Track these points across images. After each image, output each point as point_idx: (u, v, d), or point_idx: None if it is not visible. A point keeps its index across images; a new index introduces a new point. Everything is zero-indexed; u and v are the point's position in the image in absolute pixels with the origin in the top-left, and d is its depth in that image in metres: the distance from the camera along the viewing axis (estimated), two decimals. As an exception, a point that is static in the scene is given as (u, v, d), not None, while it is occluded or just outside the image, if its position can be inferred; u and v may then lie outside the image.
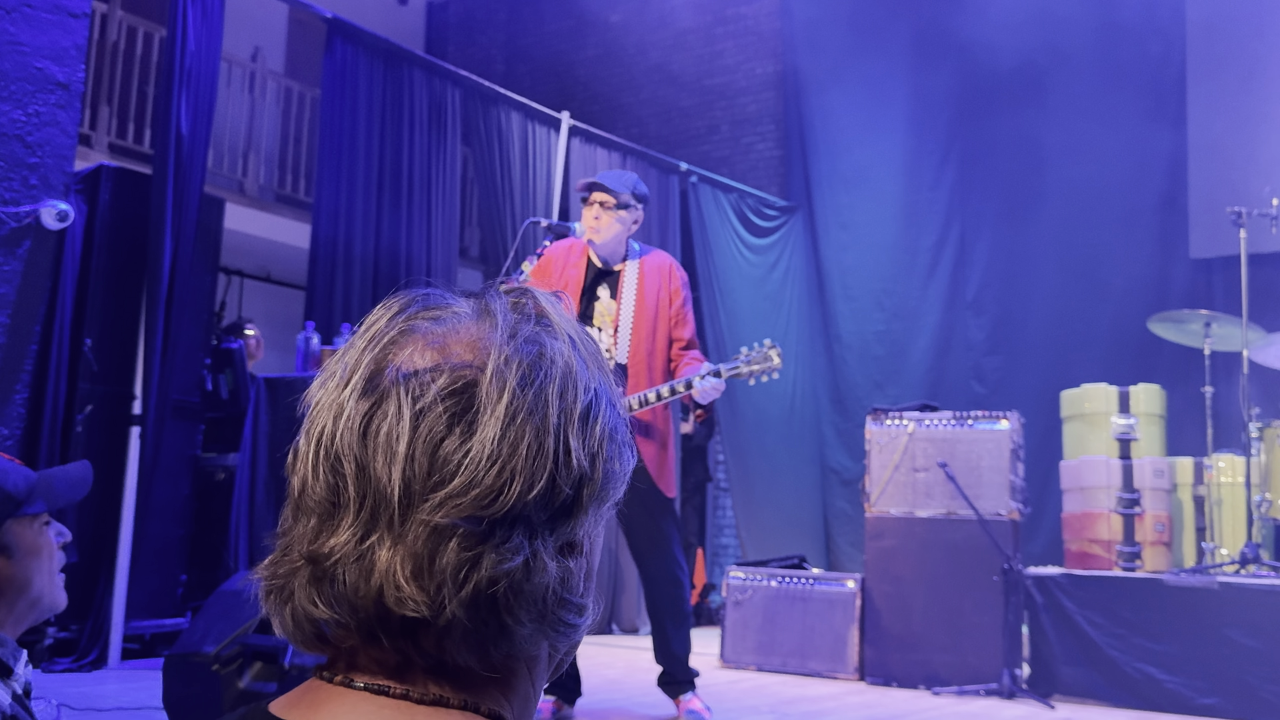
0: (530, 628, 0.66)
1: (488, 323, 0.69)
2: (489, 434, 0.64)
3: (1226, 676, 4.64)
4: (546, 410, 0.66)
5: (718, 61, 9.92)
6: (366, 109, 6.21)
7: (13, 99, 4.77)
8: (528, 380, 0.67)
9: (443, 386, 0.65)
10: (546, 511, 0.65)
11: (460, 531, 0.64)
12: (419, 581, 0.63)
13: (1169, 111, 7.41)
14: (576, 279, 4.17)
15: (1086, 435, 5.67)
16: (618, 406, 0.72)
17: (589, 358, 0.71)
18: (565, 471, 0.66)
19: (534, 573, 0.65)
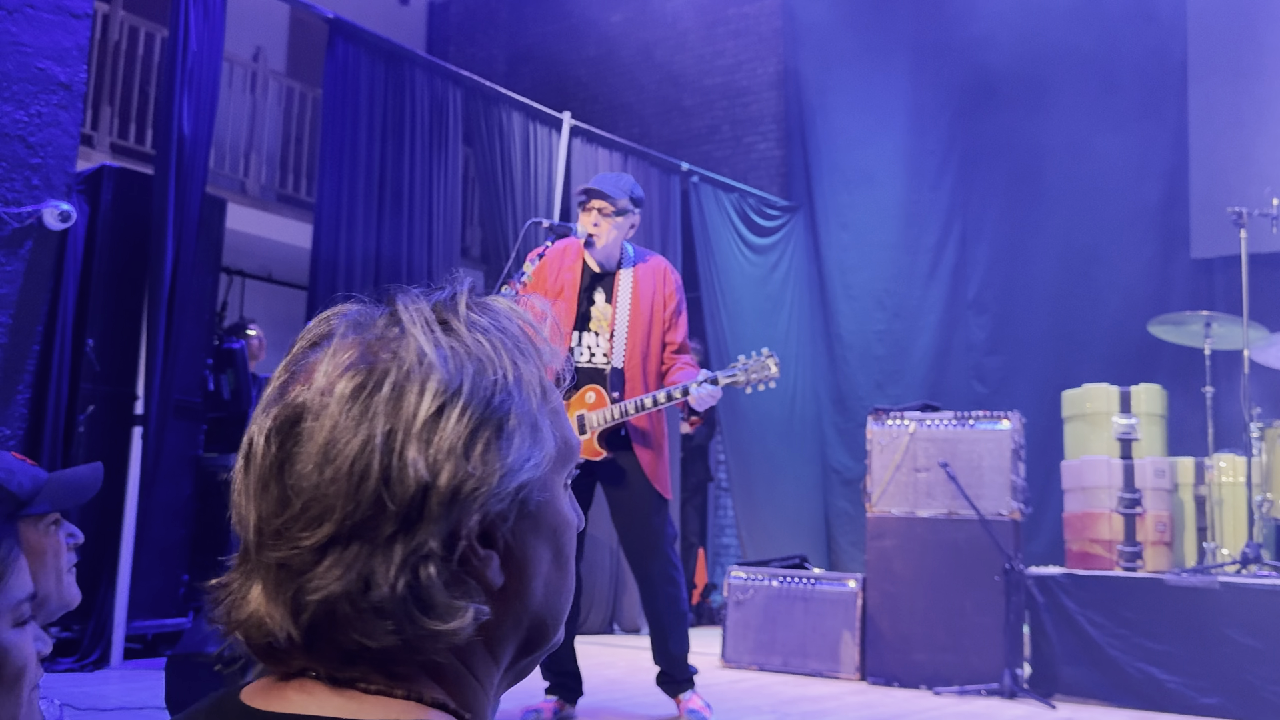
0: (389, 639, 0.67)
1: (335, 337, 0.72)
2: (312, 458, 0.67)
3: (1228, 676, 4.64)
4: (373, 424, 0.67)
5: (719, 61, 9.93)
6: (368, 109, 6.21)
7: (15, 99, 4.77)
8: (354, 394, 0.68)
9: (280, 417, 0.69)
10: (381, 529, 0.66)
11: (294, 561, 0.67)
12: (271, 607, 0.68)
13: (1170, 112, 7.41)
14: (572, 283, 4.17)
15: (1088, 435, 5.67)
16: (505, 399, 0.71)
17: (460, 355, 0.70)
18: (399, 487, 0.66)
19: (371, 590, 0.66)
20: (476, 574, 0.70)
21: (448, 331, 0.72)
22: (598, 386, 4.07)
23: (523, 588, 0.73)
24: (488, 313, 0.76)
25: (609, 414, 3.99)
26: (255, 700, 0.70)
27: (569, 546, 0.77)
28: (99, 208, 5.21)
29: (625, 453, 4.08)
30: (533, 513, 0.73)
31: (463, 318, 0.74)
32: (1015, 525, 5.21)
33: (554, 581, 0.76)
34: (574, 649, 4.18)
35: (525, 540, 0.73)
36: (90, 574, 4.98)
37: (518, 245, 4.60)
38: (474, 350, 0.71)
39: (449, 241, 6.70)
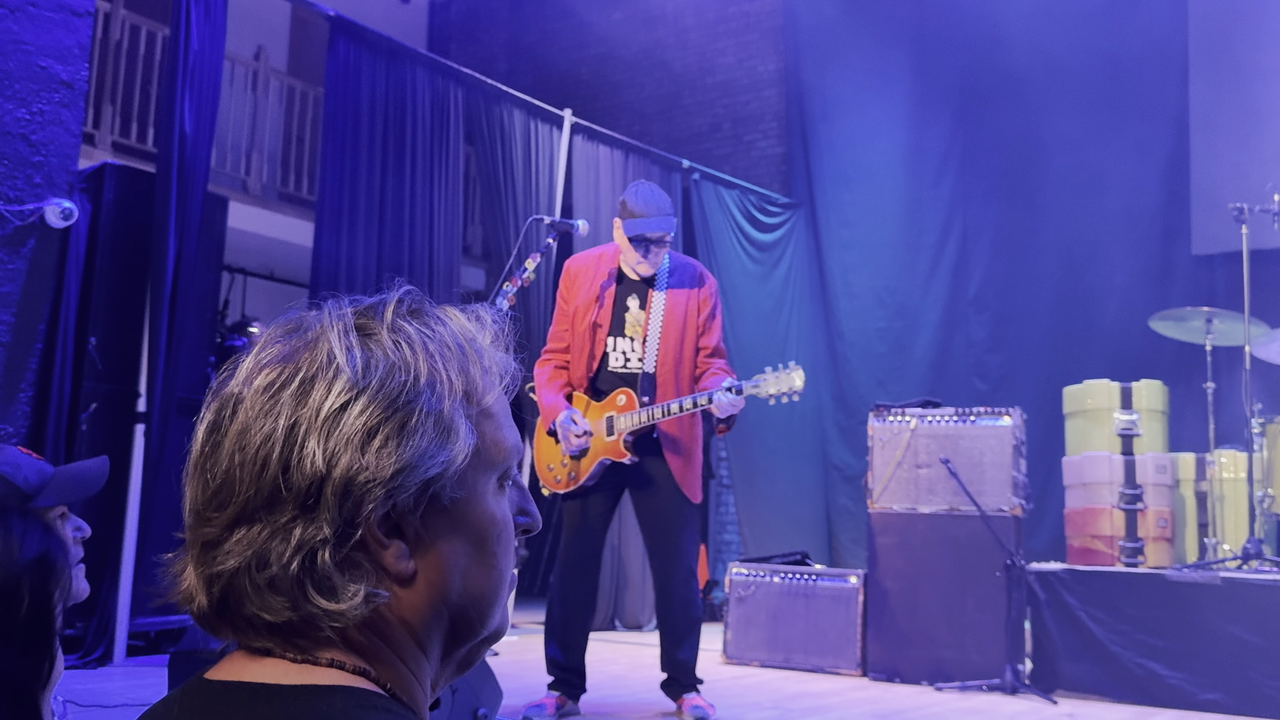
0: (286, 614, 0.72)
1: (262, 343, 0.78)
2: (227, 444, 0.74)
3: (1229, 672, 4.65)
4: (279, 416, 0.73)
5: (720, 59, 9.93)
6: (369, 107, 6.22)
7: (17, 98, 4.78)
8: (267, 388, 0.74)
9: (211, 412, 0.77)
10: (280, 513, 0.72)
11: (208, 538, 0.74)
12: (194, 584, 0.76)
13: (1171, 108, 7.41)
14: (607, 287, 4.18)
15: (1089, 431, 5.68)
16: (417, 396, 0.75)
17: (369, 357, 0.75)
18: (298, 474, 0.72)
19: (267, 566, 0.72)
20: (380, 560, 0.74)
21: (365, 335, 0.77)
22: (629, 390, 4.08)
23: (438, 578, 0.77)
24: (418, 320, 0.79)
25: (637, 417, 4.01)
26: (211, 674, 0.77)
27: (495, 544, 0.80)
28: (101, 206, 5.22)
29: (656, 459, 4.10)
30: (447, 508, 0.76)
31: (386, 323, 0.78)
32: (1017, 521, 5.22)
33: (476, 576, 0.79)
34: (585, 646, 4.19)
35: (439, 534, 0.77)
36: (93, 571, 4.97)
37: (519, 242, 4.61)
38: (389, 353, 0.76)
39: (450, 240, 6.70)
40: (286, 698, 0.71)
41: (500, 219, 6.98)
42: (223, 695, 0.73)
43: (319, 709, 0.70)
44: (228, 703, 0.72)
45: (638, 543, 7.27)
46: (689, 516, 4.16)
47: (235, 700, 0.72)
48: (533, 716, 3.93)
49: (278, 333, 0.78)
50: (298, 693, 0.72)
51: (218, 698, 0.73)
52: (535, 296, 6.95)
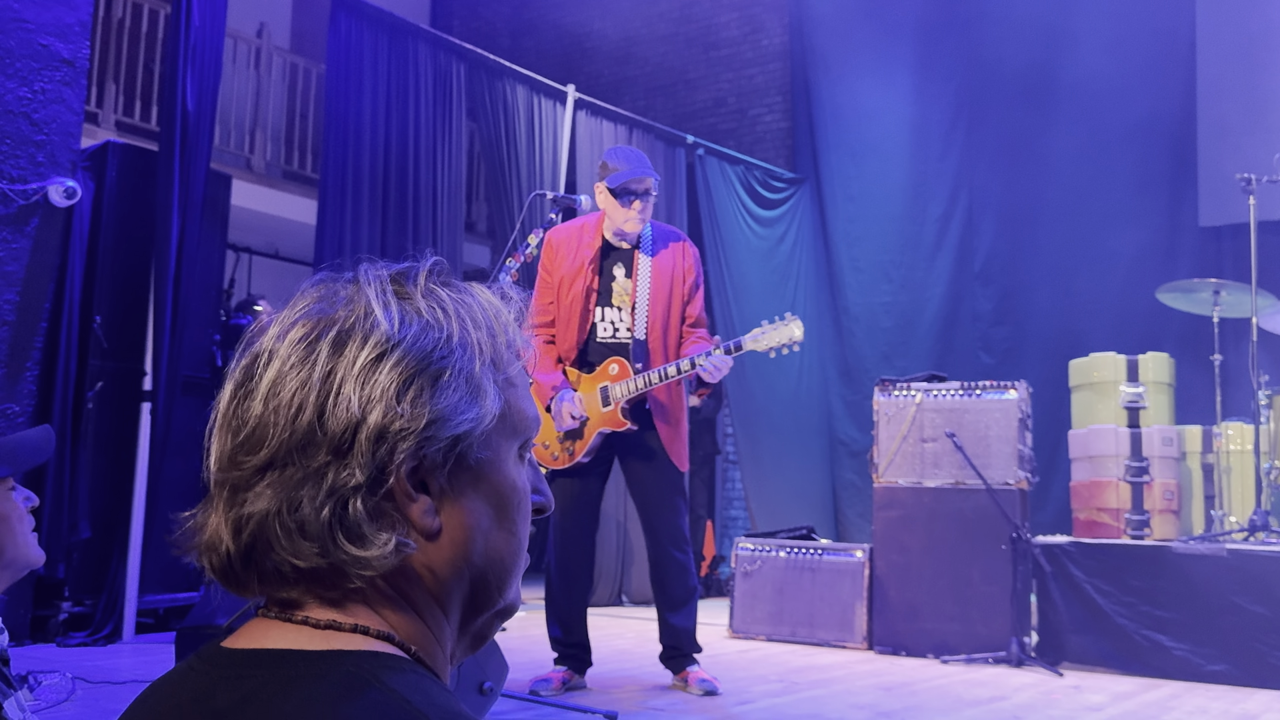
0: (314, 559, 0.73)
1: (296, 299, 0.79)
2: (261, 391, 0.75)
3: (1234, 643, 4.65)
4: (315, 364, 0.74)
5: (724, 33, 9.88)
6: (372, 84, 6.19)
7: (18, 76, 4.77)
8: (302, 339, 0.75)
9: (249, 356, 0.77)
10: (314, 457, 0.73)
11: (238, 482, 0.74)
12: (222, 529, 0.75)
13: (1178, 79, 7.36)
14: (592, 259, 4.17)
15: (1095, 404, 5.67)
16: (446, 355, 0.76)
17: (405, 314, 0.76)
18: (333, 420, 0.73)
19: (298, 510, 0.72)
20: (407, 513, 0.75)
21: (400, 296, 0.78)
22: (621, 359, 4.08)
23: (461, 537, 0.78)
24: (450, 288, 0.81)
25: (633, 384, 4.01)
26: (228, 642, 0.77)
27: (515, 510, 0.81)
28: (104, 184, 5.21)
29: (648, 430, 4.11)
30: (472, 467, 0.78)
31: (420, 287, 0.80)
32: (1022, 495, 5.21)
33: (496, 542, 0.80)
34: (586, 620, 4.21)
35: (464, 492, 0.78)
36: (101, 549, 5.01)
37: (522, 217, 4.60)
38: (423, 313, 0.77)
39: (454, 216, 6.69)
40: (310, 661, 0.72)
41: (504, 195, 6.96)
42: (242, 662, 0.74)
43: (343, 669, 0.71)
44: (247, 668, 0.73)
45: (644, 518, 7.28)
46: (678, 484, 4.18)
47: (255, 666, 0.73)
48: (539, 690, 3.95)
49: (311, 292, 0.79)
50: (320, 656, 0.72)
51: (237, 664, 0.74)
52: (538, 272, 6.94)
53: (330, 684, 0.69)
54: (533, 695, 3.87)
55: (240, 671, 0.73)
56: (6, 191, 4.71)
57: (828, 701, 4.07)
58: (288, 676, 0.71)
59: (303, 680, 0.70)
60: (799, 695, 4.19)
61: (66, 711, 3.44)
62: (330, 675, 0.70)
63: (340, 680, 0.70)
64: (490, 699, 2.68)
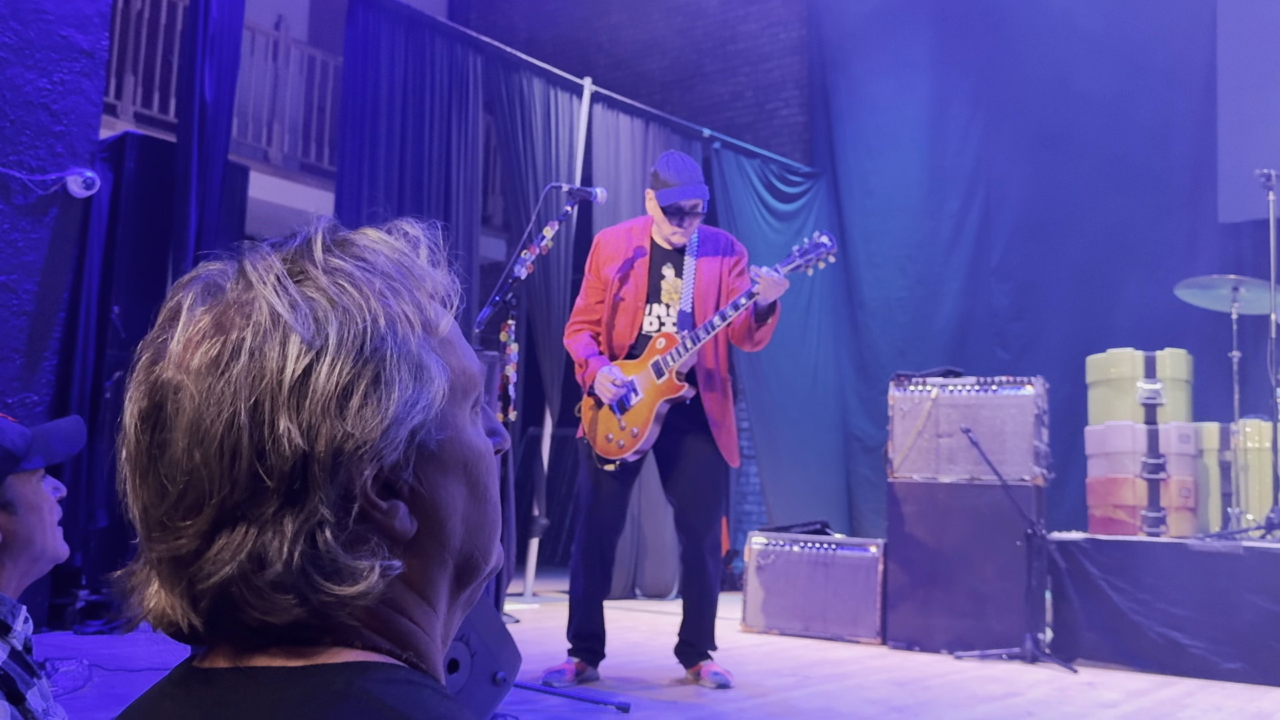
0: (295, 611, 0.65)
1: (185, 317, 0.67)
2: (180, 441, 0.64)
3: (1250, 641, 4.63)
4: (236, 399, 0.64)
5: (741, 27, 9.85)
6: (389, 77, 6.20)
7: (38, 67, 4.80)
8: (210, 368, 0.65)
9: (137, 410, 0.67)
10: (266, 505, 0.64)
11: (180, 551, 0.65)
12: (170, 599, 0.67)
13: (1199, 74, 7.31)
14: (642, 260, 4.18)
15: (1112, 400, 5.64)
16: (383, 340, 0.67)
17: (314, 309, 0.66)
18: (277, 459, 0.63)
19: (267, 564, 0.64)
20: (382, 527, 0.68)
21: (302, 283, 0.68)
22: (666, 333, 4.09)
23: (439, 529, 0.71)
24: (349, 251, 0.71)
25: (682, 348, 4.01)
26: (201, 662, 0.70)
27: (485, 476, 0.75)
28: (122, 175, 5.23)
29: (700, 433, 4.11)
30: (435, 453, 0.70)
31: (319, 264, 0.69)
32: (1038, 491, 5.20)
33: (473, 515, 0.74)
34: (602, 612, 4.22)
35: (433, 482, 0.70)
36: (119, 538, 5.04)
37: (538, 210, 4.61)
38: (336, 299, 0.67)
39: (470, 209, 6.70)
40: (298, 679, 0.65)
41: (520, 188, 6.97)
42: (222, 684, 0.66)
43: (334, 686, 0.64)
44: (229, 691, 0.66)
45: (656, 511, 7.29)
46: (723, 480, 4.19)
47: (237, 688, 0.65)
48: (552, 681, 3.95)
49: (198, 298, 0.68)
50: (305, 673, 0.65)
51: (216, 687, 0.66)
52: (554, 264, 6.95)
53: (319, 706, 0.63)
54: (546, 686, 3.88)
55: (219, 697, 0.66)
56: (26, 182, 4.74)
57: (840, 696, 4.06)
58: (272, 701, 0.64)
59: (289, 701, 0.63)
60: (812, 689, 4.19)
61: (83, 698, 3.47)
62: (319, 696, 0.63)
63: (331, 701, 0.63)
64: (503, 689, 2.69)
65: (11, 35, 4.73)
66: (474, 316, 4.83)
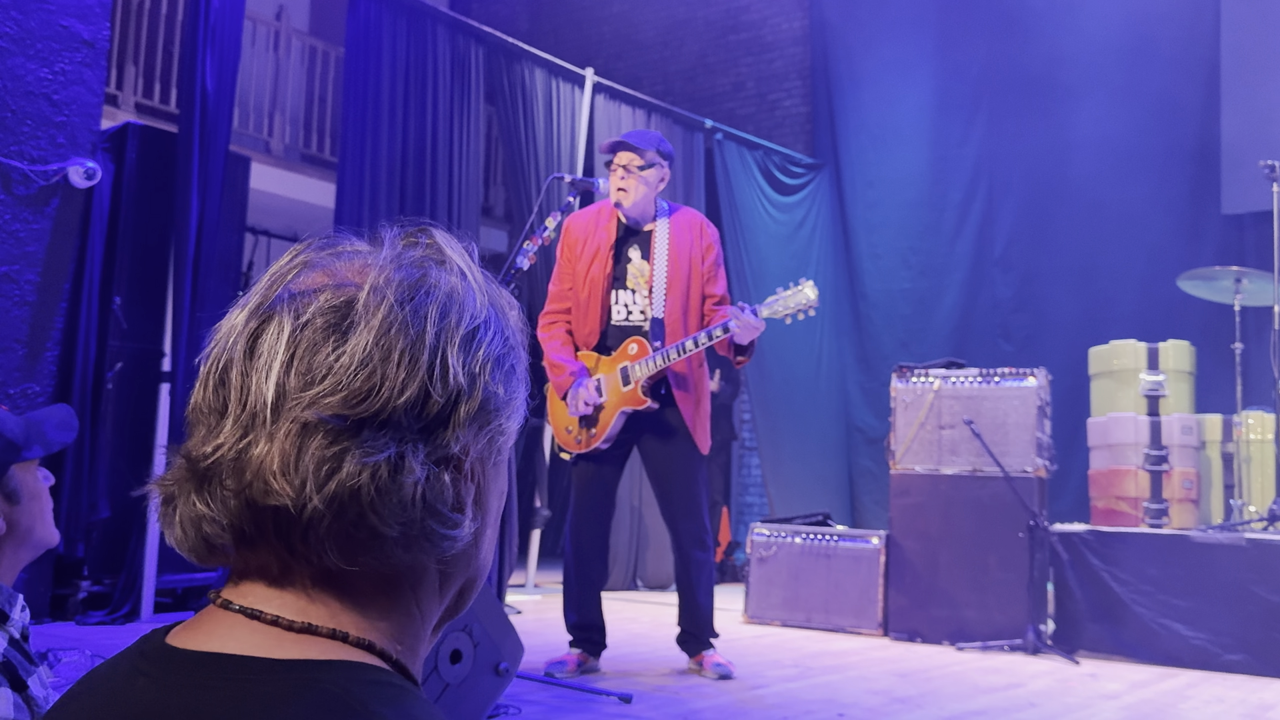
0: (397, 530, 0.68)
1: (377, 252, 0.75)
2: (362, 341, 0.68)
3: (1252, 633, 4.63)
4: (424, 326, 0.70)
5: (744, 17, 9.83)
6: (390, 67, 6.18)
7: (39, 57, 4.79)
8: (406, 298, 0.71)
9: (323, 303, 0.70)
10: (418, 420, 0.68)
11: (326, 428, 0.67)
12: (285, 475, 0.67)
13: (1202, 65, 7.29)
14: (607, 241, 4.17)
15: (1115, 392, 5.64)
16: (515, 346, 0.76)
17: (484, 294, 0.75)
18: (440, 385, 0.69)
19: (400, 474, 0.67)
20: (465, 498, 0.72)
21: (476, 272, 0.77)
22: (640, 338, 4.08)
23: (481, 532, 0.75)
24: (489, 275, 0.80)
25: (652, 363, 4.00)
26: (177, 639, 0.70)
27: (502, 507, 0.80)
28: (124, 166, 5.23)
29: (669, 408, 4.11)
30: (500, 464, 0.76)
31: (478, 268, 0.78)
32: (1040, 482, 5.19)
33: (492, 536, 0.78)
34: (600, 603, 4.22)
35: (490, 487, 0.75)
36: (120, 529, 5.04)
37: (540, 199, 4.60)
38: (493, 295, 0.76)
39: (472, 200, 6.69)
40: (279, 674, 0.65)
41: (522, 180, 6.96)
42: (198, 668, 0.66)
43: (320, 688, 0.64)
44: (207, 679, 0.65)
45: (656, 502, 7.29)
46: (699, 468, 4.17)
47: (215, 674, 0.65)
48: (554, 672, 3.96)
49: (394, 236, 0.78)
50: (291, 668, 0.65)
51: (192, 671, 0.66)
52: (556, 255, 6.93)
53: (305, 707, 0.62)
54: (548, 677, 3.88)
55: (197, 680, 0.65)
56: (27, 172, 4.73)
57: (842, 687, 4.06)
58: (255, 694, 0.63)
59: (272, 700, 0.63)
60: (814, 680, 4.19)
61: (85, 689, 3.47)
62: (305, 696, 0.63)
63: (317, 703, 0.63)
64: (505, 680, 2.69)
65: (13, 25, 4.72)
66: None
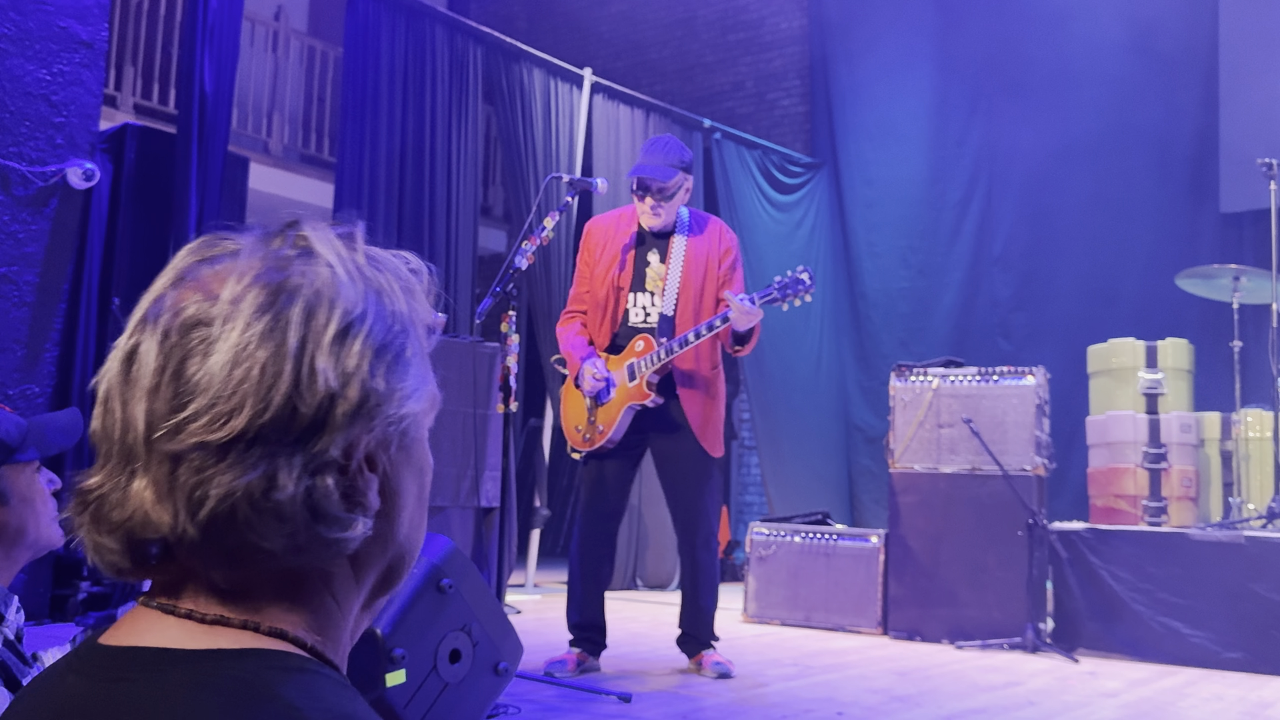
0: (280, 544, 0.69)
1: (241, 256, 0.73)
2: (220, 360, 0.68)
3: (1251, 631, 4.63)
4: (286, 334, 0.69)
5: (742, 16, 9.83)
6: (389, 68, 6.19)
7: (38, 58, 4.79)
8: (266, 304, 0.70)
9: (185, 319, 0.70)
10: (287, 433, 0.68)
11: (193, 456, 0.68)
12: (161, 506, 0.68)
13: (1200, 63, 7.30)
14: (628, 246, 4.18)
15: (1113, 390, 5.64)
16: (401, 330, 0.74)
17: (360, 281, 0.73)
18: (308, 393, 0.69)
19: (273, 491, 0.68)
20: (360, 494, 0.72)
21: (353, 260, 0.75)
22: (646, 335, 4.08)
23: (394, 517, 0.76)
24: (378, 254, 0.79)
25: (657, 356, 4.01)
26: (106, 638, 0.72)
27: (429, 487, 0.81)
28: (123, 166, 5.23)
29: (676, 407, 4.10)
30: (408, 446, 0.76)
31: (360, 251, 0.76)
32: (1039, 481, 5.20)
33: (416, 518, 0.79)
34: (603, 603, 4.22)
35: (400, 471, 0.76)
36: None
37: (538, 200, 4.61)
38: (373, 279, 0.74)
39: (470, 200, 6.69)
40: (192, 663, 0.67)
41: (520, 179, 6.96)
42: (120, 663, 0.68)
43: (227, 674, 0.66)
44: (126, 671, 0.67)
45: (658, 502, 7.29)
46: (710, 473, 4.17)
47: (134, 668, 0.67)
48: (554, 672, 3.96)
49: (241, 245, 0.74)
50: (203, 657, 0.67)
51: (115, 666, 0.68)
52: (554, 255, 6.94)
53: (214, 693, 0.64)
54: (547, 676, 3.88)
55: (116, 674, 0.68)
56: (26, 173, 4.73)
57: (842, 686, 4.07)
58: (167, 682, 0.66)
59: (184, 688, 0.65)
60: (813, 679, 4.19)
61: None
62: (214, 682, 0.65)
63: (225, 688, 0.65)
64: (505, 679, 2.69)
65: (11, 26, 4.72)
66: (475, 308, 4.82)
